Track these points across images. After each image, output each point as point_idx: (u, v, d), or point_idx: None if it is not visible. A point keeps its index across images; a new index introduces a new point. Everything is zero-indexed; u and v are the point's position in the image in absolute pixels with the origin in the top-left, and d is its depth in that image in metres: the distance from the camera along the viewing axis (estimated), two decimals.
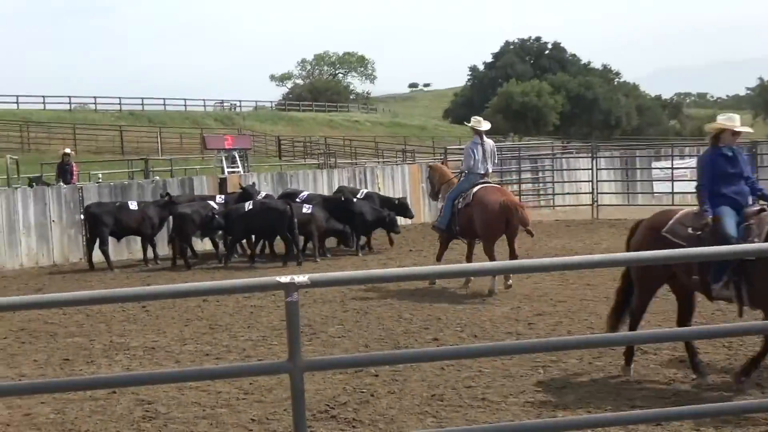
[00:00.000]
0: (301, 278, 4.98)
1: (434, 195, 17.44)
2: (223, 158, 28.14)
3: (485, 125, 16.01)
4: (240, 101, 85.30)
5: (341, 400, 8.83)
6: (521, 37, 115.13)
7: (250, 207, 19.79)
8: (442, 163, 20.23)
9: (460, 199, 15.55)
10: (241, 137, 34.25)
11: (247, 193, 21.13)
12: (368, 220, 20.96)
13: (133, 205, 20.65)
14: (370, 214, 21.02)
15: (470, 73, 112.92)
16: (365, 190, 24.28)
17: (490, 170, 15.93)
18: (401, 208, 22.89)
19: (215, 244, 21.14)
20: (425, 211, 28.70)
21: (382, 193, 25.39)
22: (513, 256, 15.07)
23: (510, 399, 8.68)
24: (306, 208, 20.26)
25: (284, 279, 4.98)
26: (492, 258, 15.17)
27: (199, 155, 47.02)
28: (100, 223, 20.22)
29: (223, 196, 22.19)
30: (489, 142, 15.89)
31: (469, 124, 16.13)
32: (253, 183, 23.07)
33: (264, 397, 9.10)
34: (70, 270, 20.48)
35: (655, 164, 31.55)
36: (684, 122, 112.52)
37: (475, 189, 15.38)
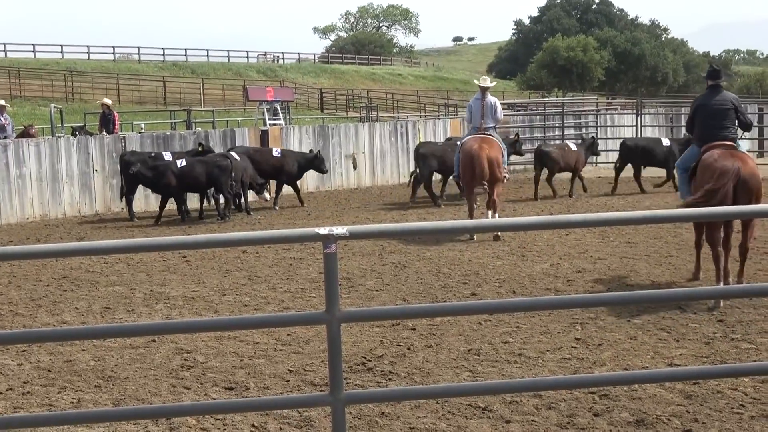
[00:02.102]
0: (340, 230, 4.96)
1: None
2: (265, 110, 28.12)
3: (487, 83, 16.95)
4: (283, 53, 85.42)
5: (378, 353, 8.86)
6: None
7: (184, 163, 19.55)
8: None
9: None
10: (283, 89, 34.20)
11: (318, 160, 22.11)
12: None
13: (167, 156, 20.70)
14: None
15: (515, 27, 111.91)
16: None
17: (489, 125, 16.69)
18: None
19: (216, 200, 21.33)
20: None
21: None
22: (489, 201, 16.55)
23: (547, 355, 8.66)
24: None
25: (323, 230, 4.96)
26: (469, 203, 16.80)
27: (241, 107, 47.20)
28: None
29: (279, 150, 22.43)
30: (490, 99, 16.75)
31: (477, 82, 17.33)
32: (317, 152, 23.09)
33: (301, 348, 9.15)
34: (112, 219, 20.68)
35: None
36: (732, 80, 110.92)
37: (465, 138, 16.71)
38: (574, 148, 22.99)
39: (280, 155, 22.07)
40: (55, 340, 8.97)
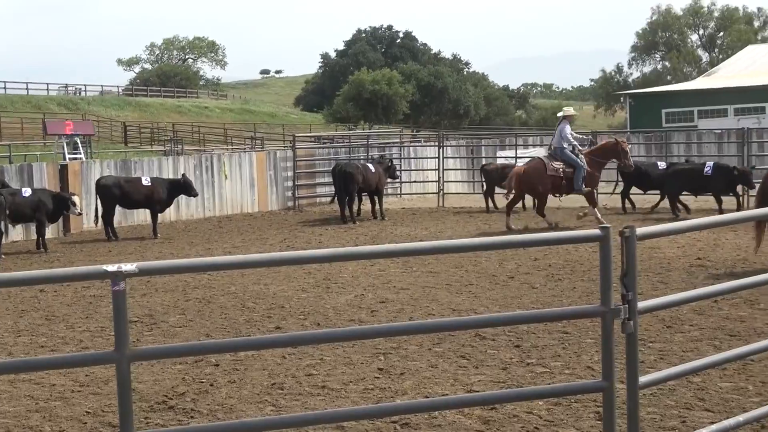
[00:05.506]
0: (129, 267, 4.86)
1: None
2: (65, 144, 27.35)
3: (569, 112, 21.98)
4: (85, 86, 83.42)
5: (180, 391, 8.70)
6: (373, 25, 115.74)
7: None
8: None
9: None
10: (84, 123, 33.41)
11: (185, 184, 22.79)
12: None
13: None
14: None
15: (322, 60, 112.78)
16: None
17: (557, 146, 21.00)
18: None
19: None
20: (272, 198, 28.62)
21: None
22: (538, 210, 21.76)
23: (350, 386, 8.70)
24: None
25: (111, 268, 4.85)
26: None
27: (40, 141, 45.72)
28: None
29: (149, 178, 22.94)
30: (560, 126, 21.20)
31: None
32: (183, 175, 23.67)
33: (100, 389, 8.89)
34: None
35: (500, 153, 32.19)
36: (530, 112, 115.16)
37: None
38: (373, 169, 24.49)
39: (149, 183, 22.29)
40: None
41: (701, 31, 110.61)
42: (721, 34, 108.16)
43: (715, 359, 6.70)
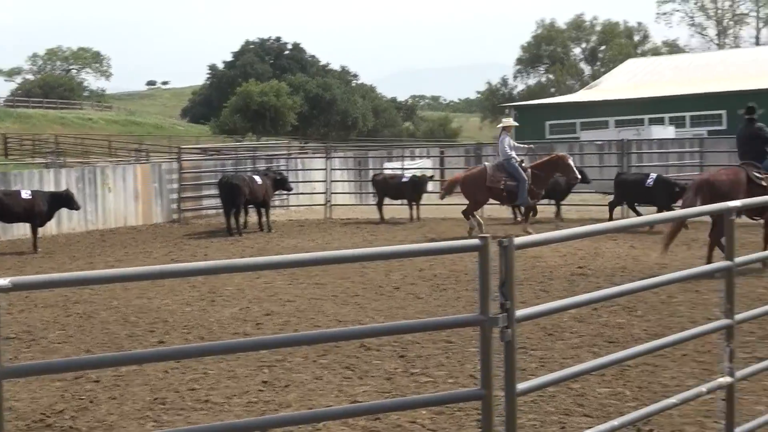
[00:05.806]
0: (2, 281, 4.71)
1: None
2: None
3: (507, 123, 22.73)
4: None
5: (58, 408, 8.51)
6: (261, 36, 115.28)
7: None
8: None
9: None
10: None
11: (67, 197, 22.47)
12: None
13: None
14: None
15: (210, 71, 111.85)
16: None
17: (503, 157, 21.48)
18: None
19: None
20: (157, 211, 28.22)
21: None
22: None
23: (234, 400, 8.63)
24: None
25: None
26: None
27: None
28: None
29: (29, 191, 22.45)
30: (500, 139, 21.77)
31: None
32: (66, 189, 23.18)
33: None
34: None
35: (387, 165, 32.37)
36: (417, 124, 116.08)
37: None
38: (259, 181, 24.46)
39: (30, 196, 21.92)
40: None
41: (584, 45, 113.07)
42: (603, 47, 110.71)
43: (593, 365, 6.82)
